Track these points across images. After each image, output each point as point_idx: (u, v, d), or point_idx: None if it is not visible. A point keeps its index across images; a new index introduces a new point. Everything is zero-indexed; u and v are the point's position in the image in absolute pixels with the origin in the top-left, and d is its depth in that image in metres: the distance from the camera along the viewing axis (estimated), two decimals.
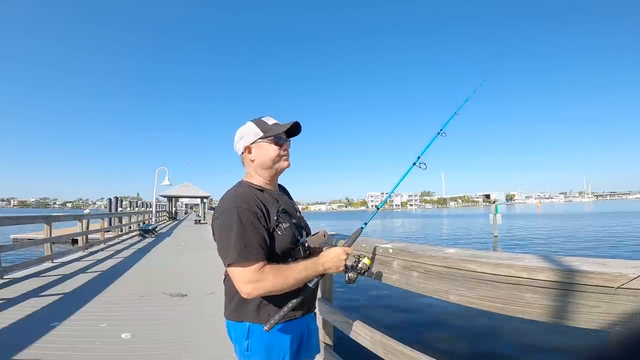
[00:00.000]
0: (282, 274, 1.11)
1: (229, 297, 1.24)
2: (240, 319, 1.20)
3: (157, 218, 21.30)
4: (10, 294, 4.34)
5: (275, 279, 1.09)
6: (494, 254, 1.14)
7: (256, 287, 1.07)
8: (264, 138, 1.26)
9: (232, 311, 1.22)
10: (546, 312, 0.92)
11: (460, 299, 1.16)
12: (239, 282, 1.08)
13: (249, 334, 1.18)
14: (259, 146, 1.27)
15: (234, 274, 1.09)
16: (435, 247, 1.39)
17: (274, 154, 1.26)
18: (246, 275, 1.07)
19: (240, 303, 1.19)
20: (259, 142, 1.26)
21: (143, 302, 4.09)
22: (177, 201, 34.80)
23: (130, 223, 14.63)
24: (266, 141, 1.26)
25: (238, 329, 1.21)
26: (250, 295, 1.08)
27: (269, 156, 1.26)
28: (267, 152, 1.26)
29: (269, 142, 1.26)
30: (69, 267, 6.44)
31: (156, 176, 19.82)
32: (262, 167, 1.28)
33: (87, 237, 9.49)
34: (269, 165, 1.27)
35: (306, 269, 1.17)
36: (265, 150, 1.26)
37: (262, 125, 1.27)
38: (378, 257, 1.56)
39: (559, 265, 0.92)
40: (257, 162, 1.27)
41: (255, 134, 1.27)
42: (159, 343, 2.84)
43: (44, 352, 2.62)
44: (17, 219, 6.35)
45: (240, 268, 1.07)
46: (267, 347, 1.18)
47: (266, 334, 1.16)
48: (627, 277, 0.77)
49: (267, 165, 1.27)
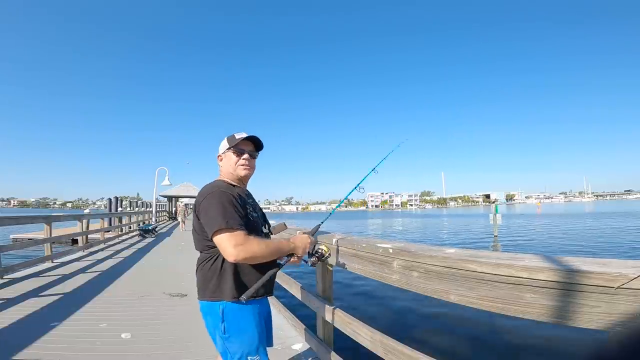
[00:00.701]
0: (264, 241, 1.34)
1: (207, 279, 1.39)
2: (217, 298, 1.36)
3: (157, 218, 21.31)
4: (10, 294, 4.34)
5: (260, 244, 1.30)
6: (494, 254, 1.15)
7: (243, 249, 1.24)
8: (229, 149, 1.54)
9: (211, 292, 1.37)
10: (546, 312, 0.93)
11: (461, 299, 1.16)
12: (228, 246, 1.24)
13: (224, 315, 1.35)
14: (225, 155, 1.56)
15: (223, 239, 1.26)
16: (435, 247, 1.40)
17: (233, 163, 1.53)
18: (234, 239, 1.25)
19: (218, 283, 1.36)
20: (226, 152, 1.55)
21: (143, 302, 4.09)
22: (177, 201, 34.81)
23: (130, 223, 14.62)
24: (231, 152, 1.54)
25: (213, 311, 1.37)
26: (237, 258, 1.24)
27: (230, 164, 1.54)
28: (229, 160, 1.54)
29: (232, 152, 1.54)
30: (69, 267, 6.43)
31: (156, 176, 19.84)
32: (228, 172, 1.55)
33: (87, 237, 9.49)
34: (231, 171, 1.55)
35: (281, 243, 1.42)
36: (228, 159, 1.55)
37: (230, 139, 1.55)
38: (378, 256, 1.57)
39: (559, 265, 0.92)
40: (223, 168, 1.57)
41: (224, 146, 1.57)
42: (159, 343, 2.83)
43: (44, 352, 2.61)
44: (17, 219, 6.34)
45: (229, 233, 1.26)
46: (243, 328, 1.36)
47: (239, 316, 1.36)
48: (627, 277, 0.78)
49: (229, 171, 1.55)
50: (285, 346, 2.73)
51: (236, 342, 1.35)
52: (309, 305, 2.55)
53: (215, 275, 1.37)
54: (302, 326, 2.87)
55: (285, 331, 3.04)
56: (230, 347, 1.35)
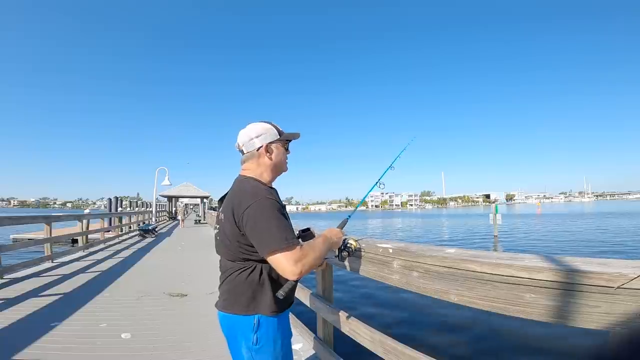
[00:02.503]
0: (313, 248, 1.22)
1: (240, 292, 1.26)
2: (252, 312, 1.24)
3: (157, 218, 21.30)
4: (10, 294, 4.34)
5: (314, 253, 1.20)
6: (494, 254, 1.14)
7: (303, 263, 1.14)
8: (280, 141, 1.35)
9: (245, 305, 1.25)
10: (546, 312, 0.93)
11: (461, 298, 1.16)
12: (289, 265, 1.13)
13: (259, 326, 1.24)
14: (277, 147, 1.34)
15: (283, 259, 1.13)
16: (435, 247, 1.40)
17: (284, 158, 1.38)
18: (294, 255, 1.13)
19: (254, 297, 1.25)
20: (276, 142, 1.34)
21: (143, 302, 4.09)
22: (177, 201, 34.76)
23: (130, 223, 14.62)
24: (281, 144, 1.35)
25: (246, 323, 1.25)
26: (300, 274, 1.14)
27: (282, 158, 1.37)
28: (282, 154, 1.36)
29: (282, 144, 1.36)
30: (69, 267, 6.43)
31: (156, 176, 19.82)
32: (276, 167, 1.36)
33: (87, 237, 9.50)
34: (281, 167, 1.38)
35: (323, 242, 1.30)
36: (281, 152, 1.36)
37: (278, 129, 1.36)
38: (378, 256, 1.57)
39: (559, 265, 0.92)
40: (274, 161, 1.34)
41: (274, 134, 1.34)
42: (159, 343, 2.83)
43: (44, 352, 2.61)
44: (17, 219, 6.34)
45: (289, 252, 1.13)
46: (274, 338, 1.26)
47: (272, 326, 1.26)
48: (627, 277, 0.77)
49: (280, 166, 1.37)
50: None
51: (267, 352, 1.27)
52: (309, 305, 2.55)
53: (251, 288, 1.25)
54: (302, 326, 2.87)
55: None
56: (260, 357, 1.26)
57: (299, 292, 2.85)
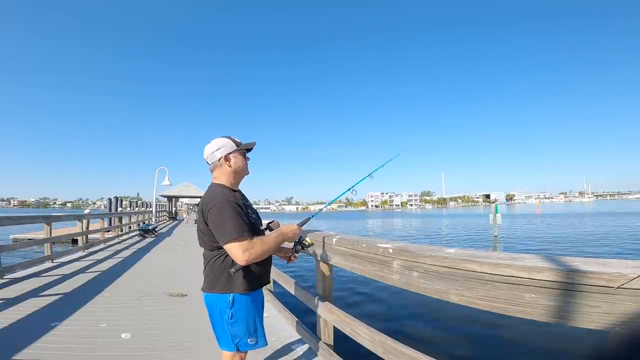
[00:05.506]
0: (263, 241, 1.53)
1: (217, 275, 1.55)
2: (228, 291, 1.54)
3: (157, 218, 21.31)
4: (10, 294, 4.34)
5: (262, 245, 1.50)
6: (493, 254, 1.14)
7: (251, 253, 1.44)
8: (237, 150, 1.66)
9: (222, 285, 1.54)
10: (546, 312, 0.93)
11: (461, 298, 1.16)
12: (238, 253, 1.42)
13: (233, 303, 1.53)
14: (234, 156, 1.65)
15: (234, 247, 1.43)
16: (435, 247, 1.39)
17: (244, 164, 1.69)
18: (243, 246, 1.43)
19: (229, 278, 1.54)
20: (234, 153, 1.64)
21: (143, 302, 4.09)
22: (177, 201, 34.76)
23: (130, 223, 14.63)
24: (238, 153, 1.66)
25: (223, 301, 1.54)
26: (247, 261, 1.44)
27: (241, 165, 1.67)
28: (240, 161, 1.66)
29: (240, 154, 1.67)
30: (69, 267, 6.43)
31: (156, 176, 19.83)
32: (237, 173, 1.66)
33: (87, 237, 9.49)
34: (242, 172, 1.69)
35: (277, 237, 1.62)
36: (238, 160, 1.66)
37: (235, 141, 1.67)
38: (378, 256, 1.57)
39: (559, 265, 0.92)
40: (234, 168, 1.65)
41: (231, 146, 1.65)
42: (159, 343, 2.83)
43: (44, 352, 2.61)
44: (17, 219, 6.34)
45: (238, 242, 1.42)
46: (247, 314, 1.57)
47: (246, 302, 1.56)
48: (627, 277, 0.78)
49: (240, 172, 1.68)
50: (285, 346, 2.73)
51: (240, 326, 1.55)
52: (309, 305, 2.56)
53: (226, 270, 1.53)
54: (302, 326, 2.87)
55: (285, 331, 3.04)
56: (235, 331, 1.56)
57: (299, 292, 2.85)
